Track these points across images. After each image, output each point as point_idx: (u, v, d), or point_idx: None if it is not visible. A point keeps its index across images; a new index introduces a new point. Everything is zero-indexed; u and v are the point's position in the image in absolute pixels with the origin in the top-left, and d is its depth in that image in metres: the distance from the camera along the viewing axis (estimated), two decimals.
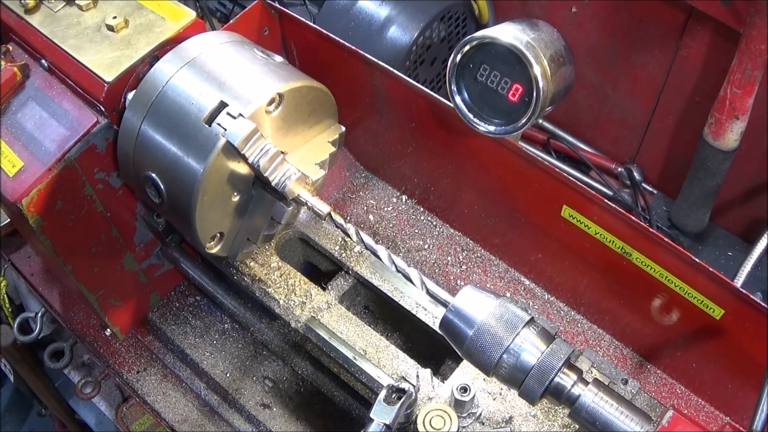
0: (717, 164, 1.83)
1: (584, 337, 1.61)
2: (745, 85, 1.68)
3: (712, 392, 1.48)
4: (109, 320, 1.68)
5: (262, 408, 1.65)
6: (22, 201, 1.32)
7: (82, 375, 1.98)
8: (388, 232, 1.79)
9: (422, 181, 1.77)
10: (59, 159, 1.34)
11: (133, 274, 1.65)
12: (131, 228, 1.57)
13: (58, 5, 1.43)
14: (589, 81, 2.21)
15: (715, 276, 1.23)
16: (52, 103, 1.40)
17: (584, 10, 2.10)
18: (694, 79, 1.98)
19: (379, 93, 1.62)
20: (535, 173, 1.43)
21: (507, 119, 1.32)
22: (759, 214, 2.09)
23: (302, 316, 1.45)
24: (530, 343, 1.07)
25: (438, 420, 1.21)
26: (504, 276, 1.71)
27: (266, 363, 1.72)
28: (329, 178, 1.79)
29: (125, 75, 1.34)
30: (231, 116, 1.22)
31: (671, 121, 2.12)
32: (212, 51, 1.34)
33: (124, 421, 1.96)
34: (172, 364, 1.74)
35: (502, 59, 1.28)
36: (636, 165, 2.30)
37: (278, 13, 1.61)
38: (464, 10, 2.15)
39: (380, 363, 1.38)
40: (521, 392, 1.09)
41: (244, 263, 1.52)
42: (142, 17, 1.41)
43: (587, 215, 1.40)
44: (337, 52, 1.56)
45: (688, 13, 1.88)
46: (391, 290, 1.50)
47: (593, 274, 1.52)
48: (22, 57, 1.45)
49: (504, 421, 1.29)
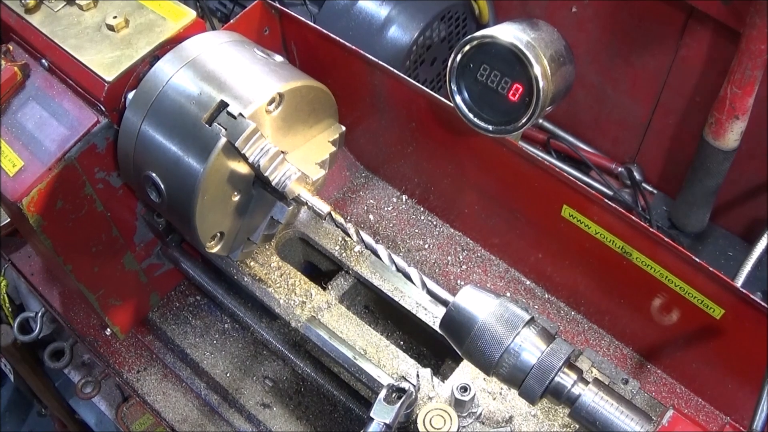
0: (717, 164, 1.84)
1: (584, 337, 1.61)
2: (745, 85, 1.68)
3: (712, 392, 1.48)
4: (109, 320, 1.68)
5: (262, 408, 1.65)
6: (22, 201, 1.32)
7: (82, 375, 1.98)
8: (388, 232, 1.79)
9: (422, 181, 1.77)
10: (59, 159, 1.34)
11: (134, 274, 1.65)
12: (131, 228, 1.57)
13: (58, 5, 1.43)
14: (589, 81, 2.22)
15: (715, 276, 1.23)
16: (53, 103, 1.40)
17: (584, 10, 2.10)
18: (694, 79, 1.98)
19: (379, 93, 1.62)
20: (535, 173, 1.43)
21: (507, 119, 1.32)
22: (759, 214, 2.09)
23: (302, 315, 1.45)
24: (530, 342, 1.07)
25: (438, 419, 1.21)
26: (504, 276, 1.71)
27: (266, 363, 1.72)
28: (329, 178, 1.79)
29: (125, 75, 1.34)
30: (231, 116, 1.22)
31: (671, 121, 2.13)
32: (212, 51, 1.34)
33: (124, 421, 1.96)
34: (172, 364, 1.74)
35: (503, 59, 1.28)
36: (636, 165, 2.30)
37: (278, 13, 1.61)
38: (464, 10, 2.15)
39: (380, 363, 1.38)
40: (521, 392, 1.09)
41: (245, 263, 1.52)
42: (143, 17, 1.41)
43: (587, 215, 1.40)
44: (338, 52, 1.56)
45: (688, 13, 1.88)
46: (391, 290, 1.50)
47: (593, 274, 1.52)
48: (22, 57, 1.45)
49: (504, 421, 1.29)
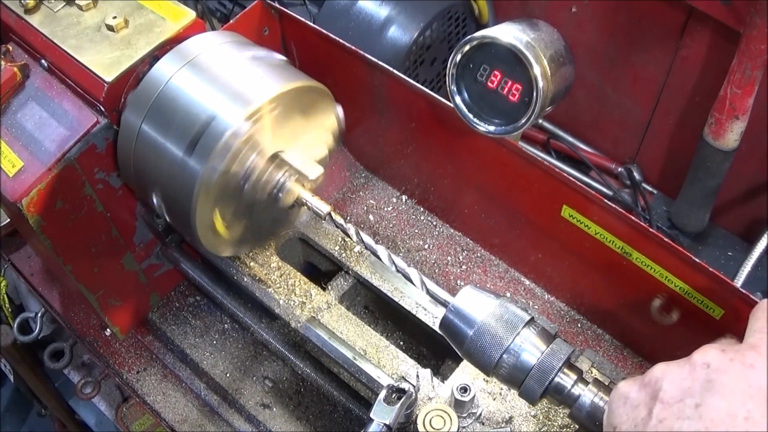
0: (717, 164, 1.83)
1: (584, 337, 1.61)
2: (745, 85, 1.68)
3: None
4: (109, 320, 1.68)
5: (262, 408, 1.65)
6: (22, 201, 1.32)
7: (82, 375, 1.98)
8: (388, 232, 1.79)
9: (422, 181, 1.77)
10: (59, 159, 1.34)
11: (133, 274, 1.65)
12: (131, 228, 1.57)
13: (58, 5, 1.43)
14: (589, 81, 2.21)
15: (715, 276, 1.23)
16: (52, 103, 1.40)
17: (584, 10, 2.10)
18: (694, 79, 1.98)
19: (379, 93, 1.62)
20: (535, 173, 1.43)
21: (507, 119, 1.32)
22: (759, 214, 2.08)
23: (302, 316, 1.45)
24: (530, 343, 1.07)
25: (438, 420, 1.21)
26: (504, 276, 1.71)
27: (266, 363, 1.72)
28: (329, 178, 1.79)
29: (125, 75, 1.34)
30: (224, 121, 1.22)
31: (671, 121, 2.12)
32: (212, 51, 1.34)
33: (124, 421, 1.95)
34: (172, 364, 1.74)
35: (502, 59, 1.28)
36: (636, 165, 2.30)
37: (278, 13, 1.61)
38: (464, 10, 2.15)
39: (380, 363, 1.38)
40: (521, 392, 1.09)
41: (244, 263, 1.52)
42: (142, 17, 1.41)
43: (587, 215, 1.40)
44: (337, 52, 1.56)
45: (688, 13, 1.88)
46: (391, 290, 1.50)
47: (593, 274, 1.52)
48: (22, 57, 1.45)
49: (504, 421, 1.29)
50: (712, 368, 0.83)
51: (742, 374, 0.82)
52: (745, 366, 0.82)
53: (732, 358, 0.83)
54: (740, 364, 0.83)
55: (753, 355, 0.83)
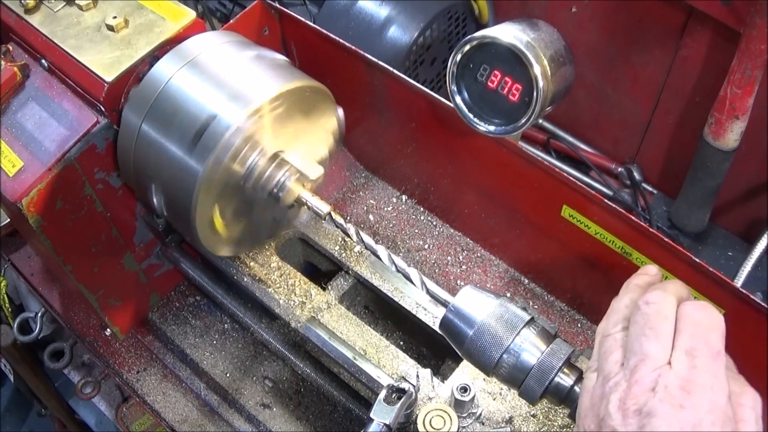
0: (717, 164, 1.84)
1: (584, 337, 1.61)
2: (745, 85, 1.68)
3: None
4: (109, 320, 1.68)
5: (262, 408, 1.65)
6: (22, 201, 1.32)
7: (82, 375, 1.98)
8: (388, 232, 1.79)
9: (422, 181, 1.77)
10: (59, 159, 1.34)
11: (133, 274, 1.65)
12: (131, 228, 1.57)
13: (58, 5, 1.43)
14: (589, 81, 2.22)
15: (715, 276, 1.23)
16: (52, 103, 1.40)
17: (584, 10, 2.10)
18: (694, 79, 1.98)
19: (379, 93, 1.62)
20: (535, 173, 1.43)
21: (507, 119, 1.32)
22: (759, 214, 2.09)
23: (302, 316, 1.45)
24: (530, 343, 1.07)
25: (438, 420, 1.21)
26: (504, 276, 1.71)
27: (266, 363, 1.72)
28: (329, 178, 1.79)
29: (125, 75, 1.34)
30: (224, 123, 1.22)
31: (671, 121, 2.13)
32: (212, 51, 1.34)
33: (124, 421, 1.95)
34: (172, 364, 1.74)
35: (502, 59, 1.28)
36: (636, 165, 2.30)
37: (278, 13, 1.61)
38: (464, 10, 2.15)
39: (380, 363, 1.38)
40: (521, 392, 1.09)
41: (244, 263, 1.52)
42: (142, 17, 1.41)
43: (587, 215, 1.40)
44: (337, 52, 1.56)
45: (688, 13, 1.88)
46: (391, 290, 1.50)
47: (593, 274, 1.52)
48: (22, 57, 1.45)
49: (504, 421, 1.29)
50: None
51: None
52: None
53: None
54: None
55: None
